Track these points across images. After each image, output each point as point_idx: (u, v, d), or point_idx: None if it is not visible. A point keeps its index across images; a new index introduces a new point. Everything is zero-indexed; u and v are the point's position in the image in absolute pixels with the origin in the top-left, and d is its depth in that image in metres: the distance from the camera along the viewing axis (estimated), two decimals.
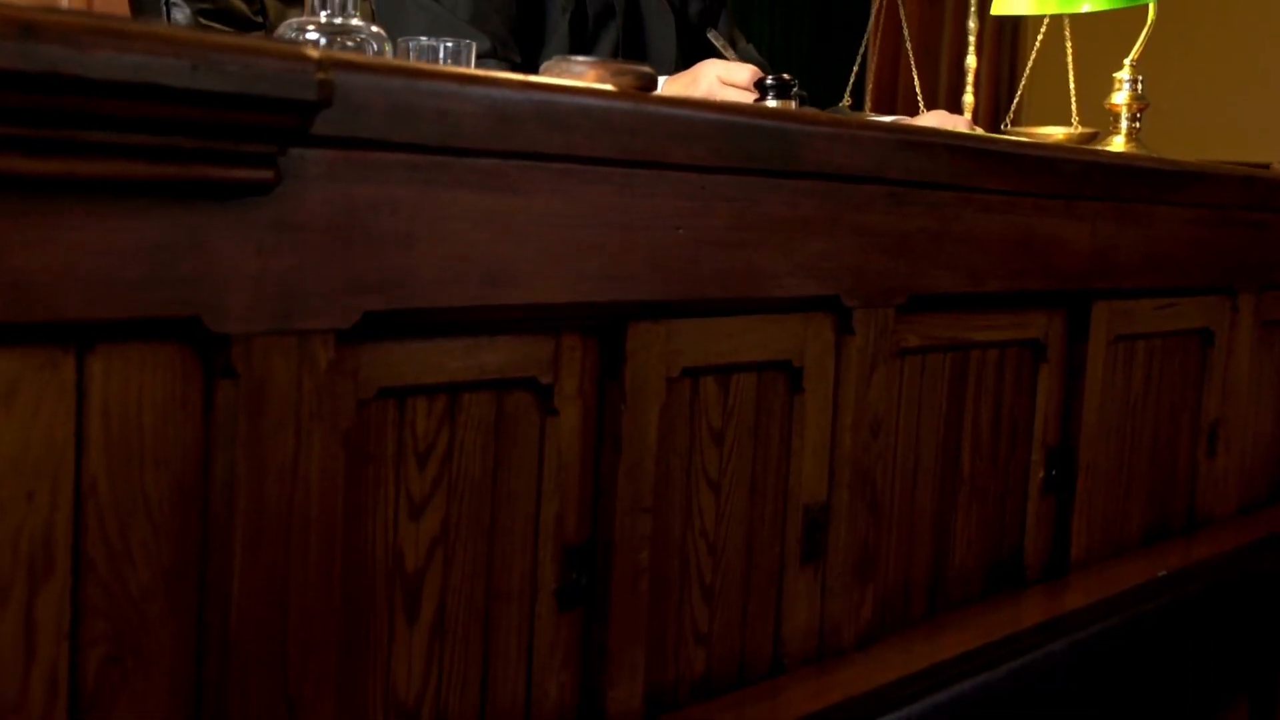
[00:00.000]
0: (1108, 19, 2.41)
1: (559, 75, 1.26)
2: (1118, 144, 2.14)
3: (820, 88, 4.94)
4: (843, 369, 1.49)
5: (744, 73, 1.68)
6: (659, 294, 1.29)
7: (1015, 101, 2.42)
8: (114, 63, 0.87)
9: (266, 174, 0.99)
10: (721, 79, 1.72)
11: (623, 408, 1.28)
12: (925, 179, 1.54)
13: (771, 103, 1.60)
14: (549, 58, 1.95)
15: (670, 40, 2.05)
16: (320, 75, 0.97)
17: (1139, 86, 2.14)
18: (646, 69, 1.27)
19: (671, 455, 1.34)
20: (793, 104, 1.62)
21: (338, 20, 1.46)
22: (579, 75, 1.25)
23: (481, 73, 1.15)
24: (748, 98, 1.65)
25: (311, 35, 1.46)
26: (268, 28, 2.18)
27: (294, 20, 1.48)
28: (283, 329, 1.02)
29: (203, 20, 2.09)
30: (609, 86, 1.23)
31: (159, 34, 0.90)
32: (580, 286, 1.22)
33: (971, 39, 2.36)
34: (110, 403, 0.94)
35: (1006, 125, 2.37)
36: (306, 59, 0.97)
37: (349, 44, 1.48)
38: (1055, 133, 2.34)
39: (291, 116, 0.98)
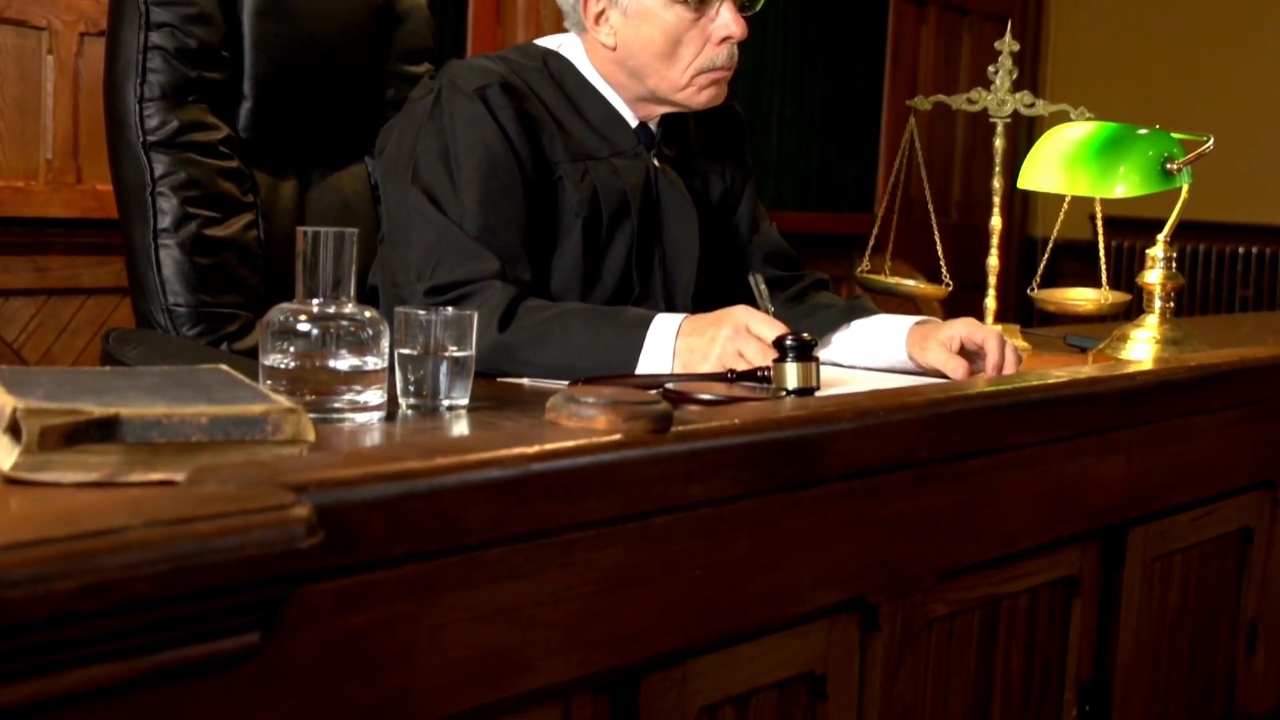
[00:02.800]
0: None
1: (567, 419, 1.18)
2: (1150, 324, 2.05)
3: (830, 191, 4.87)
4: (868, 666, 1.42)
5: (772, 330, 1.59)
6: (675, 643, 1.22)
7: (1041, 265, 2.32)
8: (84, 593, 0.79)
9: (252, 638, 0.92)
10: (750, 328, 1.62)
11: None
12: (954, 452, 1.47)
13: (792, 366, 1.52)
14: (561, 266, 1.87)
15: (692, 236, 1.95)
16: (309, 541, 0.90)
17: (1172, 265, 2.05)
18: (662, 406, 1.19)
19: None
20: (813, 365, 1.53)
21: (330, 309, 1.39)
22: (589, 420, 1.17)
23: (484, 455, 1.07)
24: (767, 354, 1.56)
25: (303, 326, 1.38)
26: (258, 208, 2.09)
27: (285, 306, 1.41)
28: None
29: (190, 209, 2.01)
30: (619, 435, 1.15)
31: (130, 540, 0.82)
32: (591, 657, 1.15)
33: (996, 199, 2.26)
34: None
35: (1033, 289, 2.28)
36: (293, 521, 0.90)
37: (343, 323, 1.40)
38: (1085, 300, 2.25)
39: (280, 586, 0.90)
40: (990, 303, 2.24)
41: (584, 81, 1.94)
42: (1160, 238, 2.05)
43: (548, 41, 1.99)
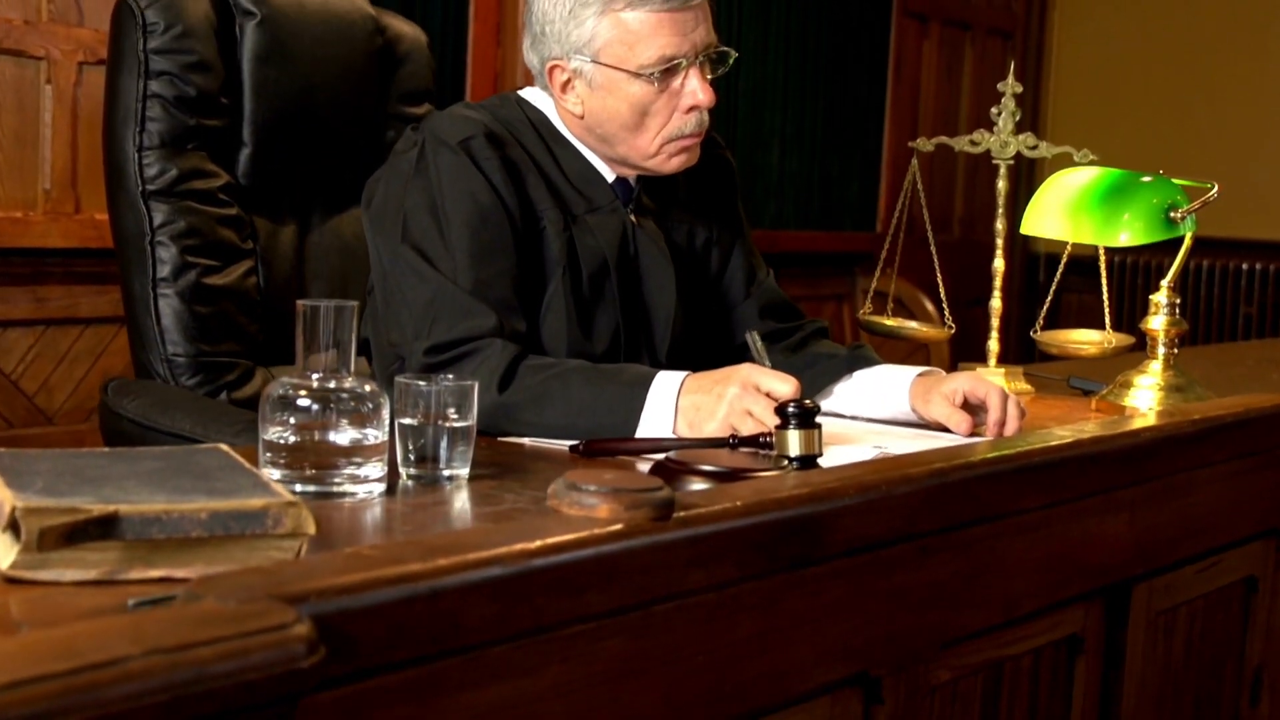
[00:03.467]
0: None
1: (569, 507, 1.17)
2: (1154, 370, 2.05)
3: (832, 209, 4.86)
4: None
5: (783, 385, 1.58)
6: None
7: (1045, 308, 2.31)
8: None
9: None
10: (759, 385, 1.62)
11: None
12: (957, 521, 1.46)
13: (794, 433, 1.51)
14: (550, 317, 1.85)
15: (669, 292, 1.93)
16: (311, 660, 0.89)
17: (1176, 311, 2.04)
18: (663, 493, 1.18)
19: None
20: (816, 433, 1.52)
21: (330, 383, 1.38)
22: (590, 509, 1.16)
23: (485, 553, 1.06)
24: (771, 416, 1.55)
25: (303, 401, 1.38)
26: (257, 254, 2.09)
27: (285, 379, 1.40)
28: None
29: (189, 258, 2.00)
30: (620, 525, 1.15)
31: (130, 671, 0.82)
32: None
33: (999, 240, 2.26)
34: None
35: (1036, 331, 2.27)
36: (294, 640, 0.89)
37: (343, 395, 1.40)
38: (1088, 343, 2.24)
39: (281, 706, 0.90)
40: (994, 345, 2.24)
41: (559, 136, 1.93)
42: (1164, 284, 2.05)
43: (524, 93, 1.98)
